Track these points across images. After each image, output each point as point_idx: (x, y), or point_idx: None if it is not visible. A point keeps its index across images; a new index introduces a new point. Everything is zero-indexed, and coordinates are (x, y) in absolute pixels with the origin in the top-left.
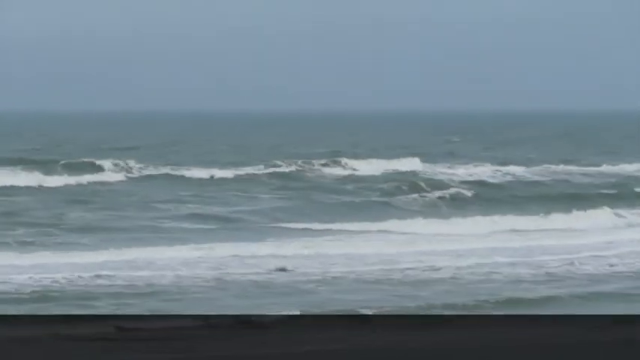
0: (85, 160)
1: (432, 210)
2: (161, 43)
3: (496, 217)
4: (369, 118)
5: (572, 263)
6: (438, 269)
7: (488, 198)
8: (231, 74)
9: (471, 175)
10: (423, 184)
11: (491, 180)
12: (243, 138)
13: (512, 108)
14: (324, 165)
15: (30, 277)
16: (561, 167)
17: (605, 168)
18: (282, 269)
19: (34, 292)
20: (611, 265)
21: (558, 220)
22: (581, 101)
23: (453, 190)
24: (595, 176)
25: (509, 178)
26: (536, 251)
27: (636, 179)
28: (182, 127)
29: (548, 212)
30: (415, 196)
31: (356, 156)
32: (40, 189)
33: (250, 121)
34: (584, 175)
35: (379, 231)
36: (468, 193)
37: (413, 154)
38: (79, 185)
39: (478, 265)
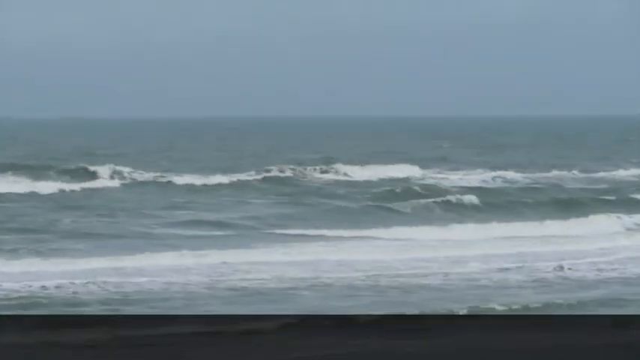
0: (79, 165)
1: (426, 215)
2: (162, 46)
3: (493, 223)
4: (366, 123)
5: (574, 269)
6: (432, 275)
7: (484, 203)
8: (231, 78)
9: (461, 179)
10: (417, 189)
11: (486, 185)
12: (239, 144)
13: (512, 113)
14: (317, 170)
15: (20, 284)
16: (554, 173)
17: (600, 174)
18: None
19: (23, 298)
20: (600, 271)
21: (555, 225)
22: (580, 104)
23: (448, 196)
24: (591, 182)
25: (505, 184)
26: (533, 257)
27: (632, 184)
28: (178, 133)
29: (543, 218)
30: (410, 201)
31: (350, 161)
32: (32, 195)
33: (247, 126)
34: (579, 180)
35: (373, 237)
36: (464, 199)
37: (408, 160)
38: (73, 191)
39: (474, 272)
